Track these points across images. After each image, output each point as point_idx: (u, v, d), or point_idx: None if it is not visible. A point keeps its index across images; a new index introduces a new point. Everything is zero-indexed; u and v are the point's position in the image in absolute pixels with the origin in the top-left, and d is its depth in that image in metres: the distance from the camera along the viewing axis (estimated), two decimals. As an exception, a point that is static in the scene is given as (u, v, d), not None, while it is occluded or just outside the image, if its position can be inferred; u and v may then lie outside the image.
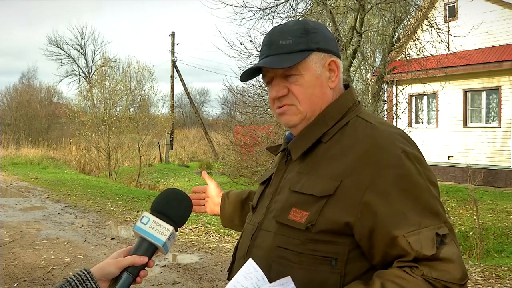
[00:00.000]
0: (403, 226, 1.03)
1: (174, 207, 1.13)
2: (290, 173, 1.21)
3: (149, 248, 1.09)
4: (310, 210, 1.10)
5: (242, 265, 1.18)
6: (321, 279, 1.07)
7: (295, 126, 1.23)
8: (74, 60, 40.87)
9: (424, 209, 1.05)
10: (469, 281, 4.81)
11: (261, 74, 1.26)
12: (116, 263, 1.07)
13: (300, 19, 1.33)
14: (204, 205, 1.74)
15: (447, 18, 13.13)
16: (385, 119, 12.20)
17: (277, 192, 1.22)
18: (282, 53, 1.19)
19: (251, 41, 8.77)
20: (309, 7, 8.85)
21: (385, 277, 1.02)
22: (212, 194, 1.71)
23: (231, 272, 1.33)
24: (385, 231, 1.04)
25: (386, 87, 11.92)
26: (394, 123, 12.52)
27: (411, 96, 13.41)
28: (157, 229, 1.08)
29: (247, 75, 1.26)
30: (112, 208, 9.57)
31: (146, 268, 1.09)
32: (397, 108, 10.13)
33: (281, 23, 1.27)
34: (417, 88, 10.15)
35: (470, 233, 6.54)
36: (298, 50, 1.18)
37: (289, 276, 1.03)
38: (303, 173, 1.17)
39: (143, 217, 1.10)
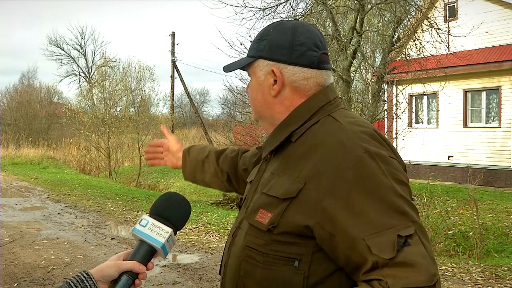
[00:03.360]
0: (364, 229, 0.99)
1: (173, 210, 1.15)
2: (266, 173, 1.23)
3: (148, 251, 1.10)
4: (273, 211, 1.11)
5: (226, 260, 1.25)
6: (284, 279, 1.08)
7: (256, 121, 1.32)
8: (74, 60, 40.92)
9: (388, 209, 1.00)
10: (469, 281, 4.81)
11: None
12: (115, 265, 1.08)
13: (277, 21, 1.33)
14: (163, 159, 1.82)
15: (447, 18, 13.13)
16: (385, 119, 12.25)
17: (255, 192, 1.23)
18: (246, 56, 1.29)
19: (251, 41, 8.76)
20: (309, 7, 8.86)
21: None
22: (173, 148, 1.79)
23: (221, 266, 1.36)
24: (344, 235, 1.01)
25: (386, 87, 11.93)
26: (394, 123, 12.53)
27: (411, 96, 13.41)
28: (156, 231, 1.09)
29: (229, 68, 1.34)
30: (112, 208, 9.57)
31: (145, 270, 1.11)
32: (397, 108, 10.14)
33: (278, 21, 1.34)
34: (417, 88, 10.15)
35: (470, 233, 6.54)
36: (249, 56, 1.27)
37: None
38: (274, 174, 1.19)
39: (142, 219, 1.11)
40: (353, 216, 1.01)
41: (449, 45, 9.26)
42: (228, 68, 1.34)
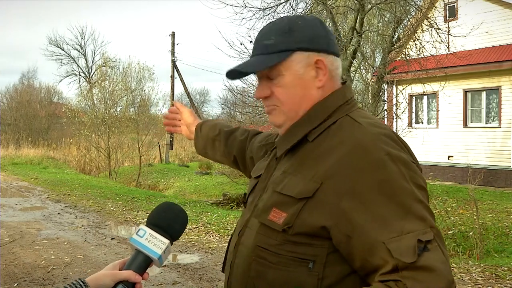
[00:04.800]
0: (383, 232, 0.98)
1: (170, 221, 1.14)
2: (277, 172, 1.20)
3: (144, 261, 1.09)
4: (288, 211, 1.08)
5: (232, 260, 1.21)
6: (298, 280, 1.05)
7: (280, 127, 1.22)
8: (74, 60, 40.93)
9: (408, 214, 0.99)
10: (469, 281, 4.80)
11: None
12: (112, 275, 1.08)
13: (294, 15, 1.32)
14: (179, 127, 1.83)
15: (447, 18, 13.13)
16: (385, 119, 12.24)
17: (264, 190, 1.21)
18: (264, 54, 1.17)
19: (251, 41, 8.77)
20: (309, 7, 8.86)
21: None
22: (187, 121, 1.79)
23: (225, 265, 1.34)
24: (363, 238, 1.00)
25: (386, 87, 11.92)
26: (394, 123, 12.54)
27: (411, 96, 13.41)
28: (153, 242, 1.09)
29: (235, 74, 1.23)
30: (112, 208, 9.57)
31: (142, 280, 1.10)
32: (397, 108, 10.14)
33: (271, 21, 1.25)
34: (417, 88, 10.15)
35: (470, 233, 6.53)
36: (278, 51, 1.16)
37: None
38: (287, 173, 1.16)
39: (139, 229, 1.10)
40: (372, 219, 1.00)
41: (449, 45, 9.26)
42: (252, 68, 1.20)
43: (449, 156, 13.53)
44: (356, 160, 1.05)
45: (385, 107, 11.49)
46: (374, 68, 10.26)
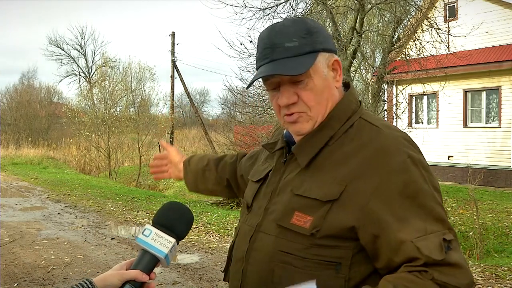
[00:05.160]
0: (409, 232, 1.02)
1: (176, 220, 1.14)
2: (291, 174, 1.18)
3: (151, 260, 1.10)
4: (314, 214, 1.07)
5: (240, 268, 1.17)
6: (325, 283, 1.05)
7: (305, 134, 1.17)
8: (74, 60, 40.90)
9: (429, 215, 1.04)
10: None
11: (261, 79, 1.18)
12: (119, 275, 1.08)
13: (297, 17, 1.30)
14: (167, 172, 1.79)
15: (447, 18, 13.13)
16: (385, 119, 12.24)
17: (276, 193, 1.18)
18: (288, 57, 1.12)
19: (251, 41, 8.78)
20: (309, 7, 8.86)
21: (396, 282, 1.00)
22: (174, 160, 1.76)
23: (227, 273, 1.31)
24: (390, 238, 1.03)
25: (386, 87, 11.92)
26: (394, 123, 12.53)
27: (411, 96, 13.41)
28: (159, 241, 1.09)
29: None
30: (112, 208, 9.57)
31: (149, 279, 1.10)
32: (397, 108, 10.14)
33: (276, 23, 1.20)
34: (417, 88, 10.15)
35: (470, 233, 6.54)
36: (304, 53, 1.12)
37: (314, 280, 1.03)
38: (305, 175, 1.14)
39: (145, 229, 1.11)
40: (397, 220, 1.03)
41: (449, 45, 9.26)
42: (293, 70, 1.10)
43: (449, 156, 13.53)
44: (380, 162, 1.07)
45: (385, 107, 11.47)
46: (374, 68, 10.25)
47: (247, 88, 1.32)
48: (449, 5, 12.95)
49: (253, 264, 1.15)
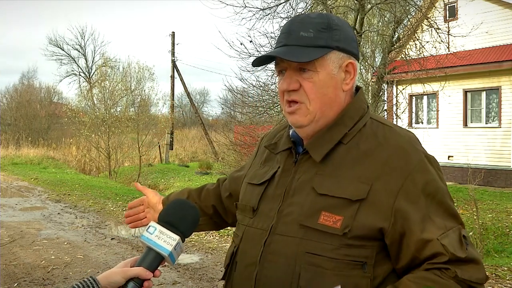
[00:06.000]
0: (433, 230, 1.05)
1: (181, 217, 1.13)
2: (306, 174, 1.15)
3: (155, 258, 1.09)
4: (344, 214, 1.06)
5: (252, 274, 1.12)
6: (353, 284, 1.05)
7: (302, 127, 1.17)
8: (74, 60, 40.90)
9: (445, 211, 1.08)
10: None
11: (274, 62, 1.20)
12: (122, 272, 1.07)
13: (324, 12, 1.30)
14: (145, 218, 1.66)
15: (447, 18, 13.12)
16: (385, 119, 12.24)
17: (289, 194, 1.15)
18: (300, 45, 1.12)
19: (251, 41, 8.77)
20: (309, 7, 8.86)
21: (417, 281, 1.02)
22: (152, 202, 1.64)
23: (230, 279, 1.24)
24: (417, 236, 1.05)
25: (386, 87, 11.91)
26: (394, 123, 12.53)
27: (411, 96, 13.41)
28: (163, 239, 1.08)
29: (259, 61, 1.19)
30: (112, 208, 9.57)
31: (153, 277, 1.10)
32: (397, 108, 10.13)
33: (303, 14, 1.22)
34: (417, 88, 10.14)
35: (470, 233, 6.53)
36: (317, 45, 1.12)
37: (339, 285, 1.03)
38: (325, 175, 1.12)
39: (149, 226, 1.10)
40: (422, 218, 1.06)
41: (449, 45, 9.25)
42: (295, 57, 1.11)
43: (449, 156, 13.53)
44: (401, 161, 1.09)
45: (385, 107, 11.47)
46: (374, 68, 10.25)
47: (252, 65, 1.29)
48: (449, 5, 12.95)
49: (270, 269, 1.11)
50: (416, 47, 8.86)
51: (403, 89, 9.43)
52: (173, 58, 24.65)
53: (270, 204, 1.18)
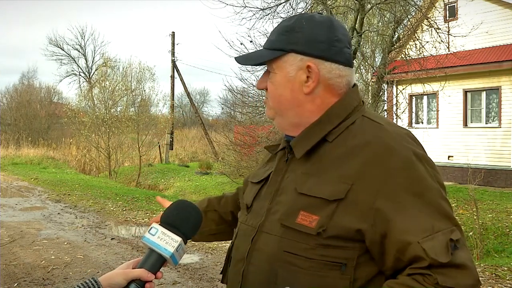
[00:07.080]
0: (416, 231, 1.00)
1: (183, 219, 1.13)
2: (293, 173, 1.16)
3: (157, 260, 1.08)
4: (320, 214, 1.05)
5: (241, 269, 1.15)
6: (330, 285, 1.04)
7: (272, 119, 1.24)
8: (74, 60, 40.89)
9: (436, 212, 1.03)
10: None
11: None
12: (124, 274, 1.07)
13: (300, 14, 1.28)
14: None
15: (447, 18, 13.13)
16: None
17: (278, 193, 1.16)
18: (266, 49, 1.19)
19: (251, 41, 8.77)
20: (309, 7, 8.86)
21: (396, 287, 0.99)
22: None
23: (226, 273, 1.29)
24: (398, 237, 1.01)
25: (386, 87, 11.92)
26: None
27: (411, 96, 13.41)
28: (165, 240, 1.07)
29: (246, 60, 1.26)
30: (112, 208, 9.57)
31: (154, 279, 1.09)
32: (397, 108, 10.14)
33: (292, 16, 1.24)
34: (417, 88, 10.15)
35: (470, 233, 6.53)
36: (274, 48, 1.16)
37: None
38: (309, 174, 1.12)
39: (151, 228, 1.10)
40: (405, 218, 1.01)
41: (449, 45, 9.26)
42: (246, 61, 1.24)
43: (449, 156, 13.53)
44: (385, 160, 1.06)
45: (385, 107, 11.48)
46: (374, 68, 10.26)
47: (235, 59, 1.28)
48: (449, 5, 12.95)
49: (255, 265, 1.13)
50: (416, 47, 8.87)
51: (403, 89, 9.44)
52: (173, 58, 24.66)
53: (262, 202, 1.20)
